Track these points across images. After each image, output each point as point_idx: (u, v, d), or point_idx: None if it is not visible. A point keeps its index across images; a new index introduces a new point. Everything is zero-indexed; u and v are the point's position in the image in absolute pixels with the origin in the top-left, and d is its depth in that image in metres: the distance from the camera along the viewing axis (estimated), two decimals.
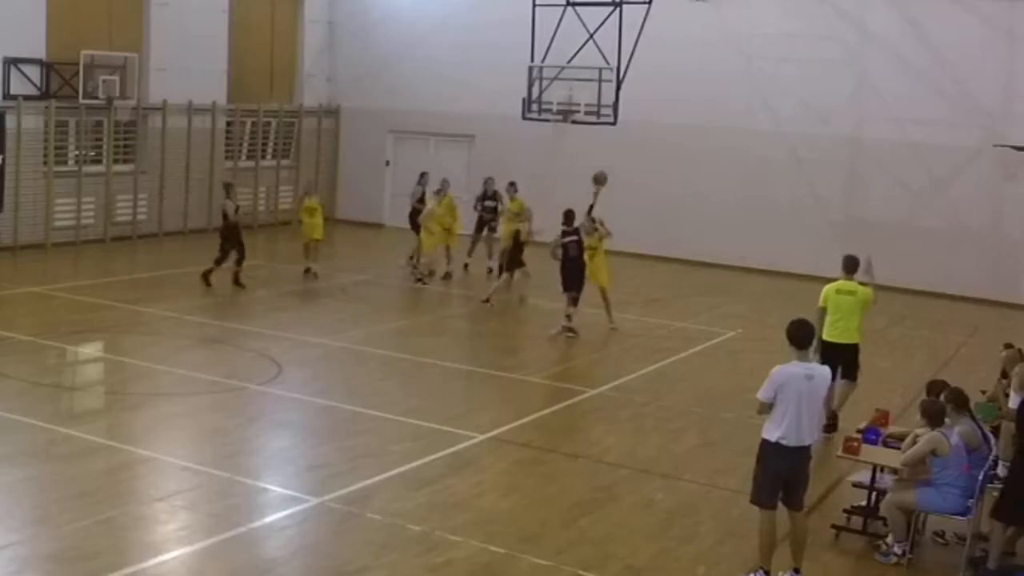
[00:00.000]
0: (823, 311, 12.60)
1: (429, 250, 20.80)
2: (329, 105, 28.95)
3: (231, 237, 19.59)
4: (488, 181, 22.29)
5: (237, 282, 19.53)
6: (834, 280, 12.73)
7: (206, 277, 19.47)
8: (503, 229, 20.88)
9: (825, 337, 12.54)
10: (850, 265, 12.74)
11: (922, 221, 22.79)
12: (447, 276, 21.35)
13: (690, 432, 13.00)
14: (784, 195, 23.62)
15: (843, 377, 12.69)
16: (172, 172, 24.91)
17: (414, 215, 21.63)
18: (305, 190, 22.03)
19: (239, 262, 19.58)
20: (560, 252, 17.11)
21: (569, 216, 17.31)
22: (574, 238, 17.07)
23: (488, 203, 22.11)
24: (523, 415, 12.99)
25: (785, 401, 8.53)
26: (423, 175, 22.25)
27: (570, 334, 17.00)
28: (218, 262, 19.53)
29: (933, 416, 9.43)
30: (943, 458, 9.24)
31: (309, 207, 21.12)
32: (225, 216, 19.76)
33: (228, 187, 20.26)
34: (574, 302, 17.03)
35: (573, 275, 17.02)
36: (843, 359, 12.58)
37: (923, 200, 22.94)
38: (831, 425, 12.54)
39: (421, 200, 21.63)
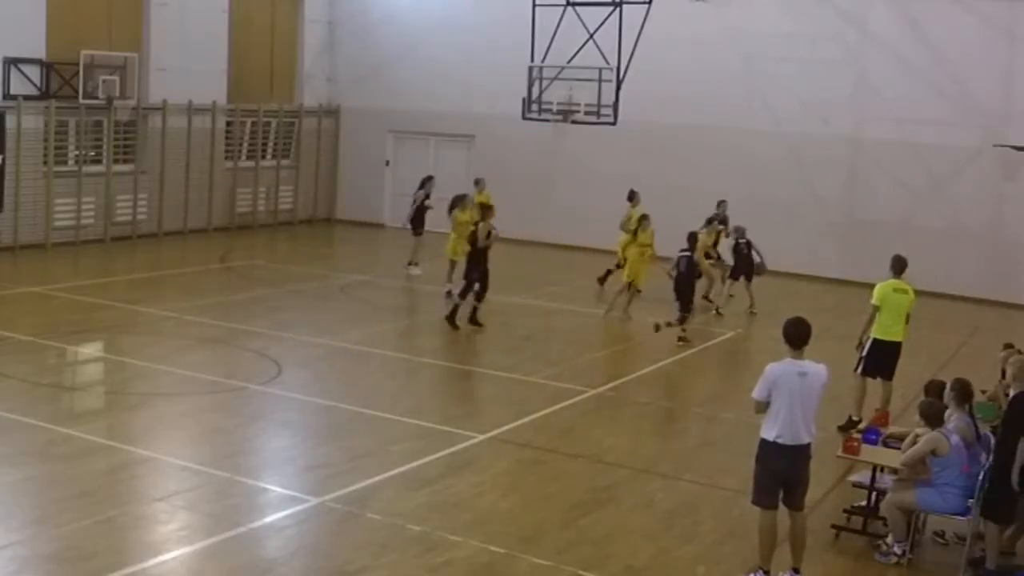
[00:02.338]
0: (876, 309, 12.80)
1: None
2: (329, 105, 28.95)
3: (479, 265, 17.20)
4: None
5: (474, 319, 17.25)
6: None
7: (452, 319, 17.07)
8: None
9: (880, 336, 12.83)
10: (899, 265, 13.01)
11: (922, 221, 22.79)
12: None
13: (690, 432, 13.01)
14: (784, 195, 23.61)
15: (886, 377, 12.94)
16: (172, 172, 24.90)
17: (418, 217, 21.43)
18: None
19: (480, 296, 17.25)
20: (674, 268, 17.30)
21: (691, 238, 17.47)
22: (687, 254, 17.20)
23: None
24: (523, 415, 12.99)
25: (779, 399, 8.54)
26: (429, 179, 21.95)
27: (681, 342, 16.93)
28: (463, 295, 17.22)
29: (932, 417, 9.43)
30: (943, 458, 9.24)
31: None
32: (475, 240, 17.19)
33: (486, 209, 17.59)
34: (687, 312, 17.09)
35: (681, 290, 17.09)
36: (894, 357, 12.90)
37: (923, 200, 22.95)
38: (851, 424, 12.62)
39: (423, 204, 21.43)
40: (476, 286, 17.22)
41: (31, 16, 21.96)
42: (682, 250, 17.28)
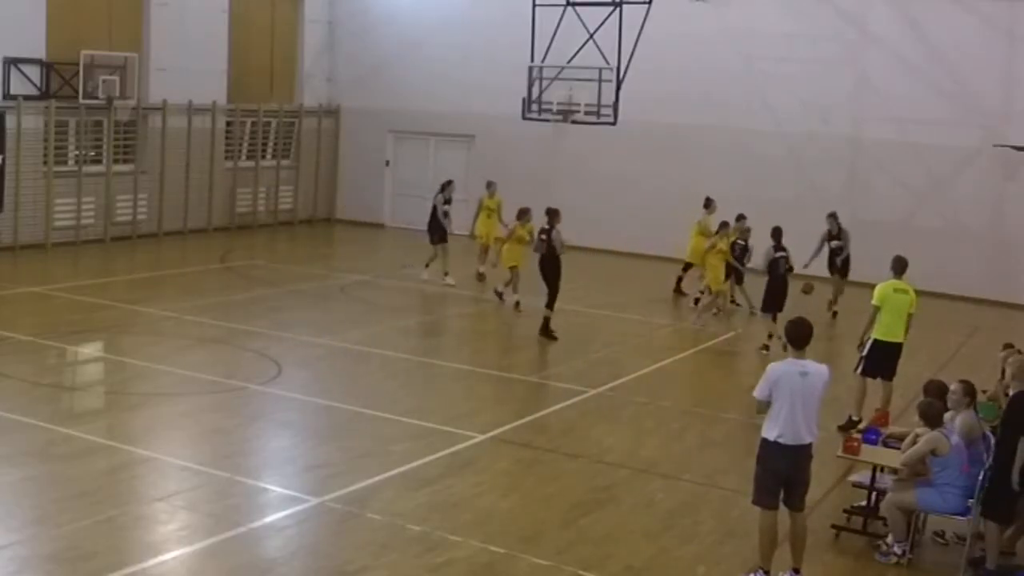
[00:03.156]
0: (877, 310, 12.81)
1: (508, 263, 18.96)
2: (329, 105, 28.95)
3: (552, 274, 17.08)
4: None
5: (546, 331, 16.97)
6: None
7: (547, 331, 16.94)
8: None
9: (881, 337, 12.83)
10: (900, 266, 13.06)
11: (922, 221, 22.79)
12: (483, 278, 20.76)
13: (690, 432, 13.01)
14: (784, 195, 23.60)
15: (886, 378, 12.95)
16: (172, 172, 24.90)
17: (435, 224, 20.90)
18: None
19: (549, 304, 17.04)
20: (767, 267, 16.94)
21: (777, 233, 17.16)
22: (784, 254, 16.90)
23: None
24: (523, 415, 12.99)
25: (780, 399, 8.54)
26: (449, 183, 21.56)
27: (764, 351, 16.64)
28: (551, 305, 17.05)
29: (931, 417, 9.44)
30: (943, 458, 9.24)
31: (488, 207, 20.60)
32: (552, 248, 17.05)
33: (554, 214, 17.32)
34: (775, 319, 16.61)
35: (778, 292, 16.80)
36: (894, 358, 12.90)
37: (923, 200, 22.95)
38: (851, 424, 12.62)
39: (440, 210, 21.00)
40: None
41: (31, 16, 21.96)
42: (777, 249, 16.92)
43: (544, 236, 17.08)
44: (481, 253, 21.22)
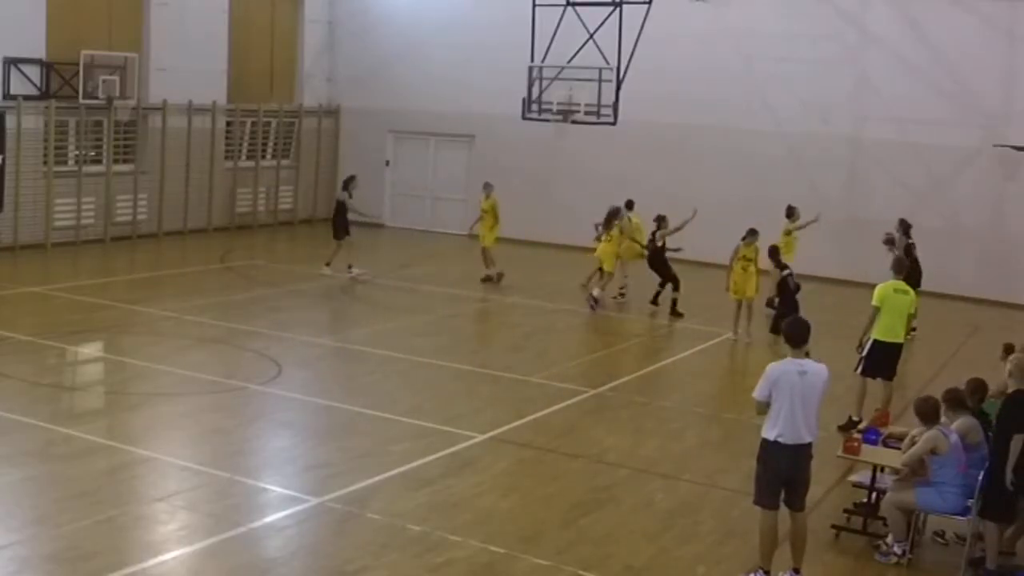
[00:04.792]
0: (877, 310, 12.81)
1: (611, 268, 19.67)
2: (329, 105, 28.95)
3: (661, 267, 19.40)
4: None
5: (675, 311, 19.02)
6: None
7: (674, 310, 18.98)
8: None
9: (881, 337, 12.83)
10: (900, 266, 13.14)
11: (922, 221, 22.69)
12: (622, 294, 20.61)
13: (690, 432, 13.01)
14: (784, 195, 23.52)
15: (886, 378, 12.94)
16: (172, 172, 24.90)
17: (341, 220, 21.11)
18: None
19: (676, 288, 19.20)
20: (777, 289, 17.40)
21: (774, 252, 17.65)
22: (789, 271, 17.48)
23: None
24: (523, 415, 12.99)
25: (780, 399, 8.54)
26: (352, 178, 21.91)
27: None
28: (676, 289, 19.19)
29: (927, 414, 9.44)
30: (942, 456, 9.24)
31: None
32: (656, 249, 19.39)
33: (661, 220, 19.56)
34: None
35: (793, 310, 16.64)
36: (894, 358, 12.91)
37: (923, 200, 22.93)
38: (851, 424, 12.62)
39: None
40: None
41: (31, 16, 21.96)
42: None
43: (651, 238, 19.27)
44: (481, 257, 21.23)
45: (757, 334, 17.68)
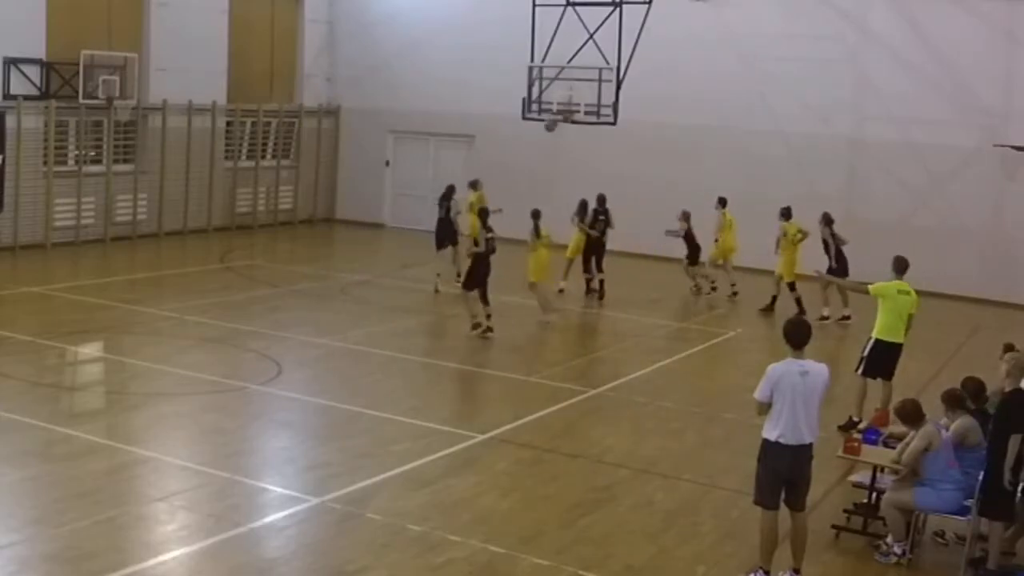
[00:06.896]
0: (875, 296, 12.83)
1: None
2: (329, 105, 28.95)
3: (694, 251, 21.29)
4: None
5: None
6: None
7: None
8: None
9: (882, 337, 12.84)
10: (901, 266, 13.08)
11: (922, 220, 22.79)
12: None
13: (690, 432, 13.01)
14: (784, 195, 23.52)
15: (886, 378, 12.93)
16: (172, 172, 24.90)
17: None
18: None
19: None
20: None
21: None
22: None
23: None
24: (523, 415, 12.98)
25: (781, 399, 8.54)
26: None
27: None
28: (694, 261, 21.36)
29: (908, 415, 9.50)
30: (933, 452, 9.26)
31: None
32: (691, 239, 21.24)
33: (686, 215, 21.41)
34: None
35: None
36: (895, 358, 12.90)
37: (923, 200, 22.95)
38: (851, 424, 12.63)
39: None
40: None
41: (31, 16, 21.96)
42: None
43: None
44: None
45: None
